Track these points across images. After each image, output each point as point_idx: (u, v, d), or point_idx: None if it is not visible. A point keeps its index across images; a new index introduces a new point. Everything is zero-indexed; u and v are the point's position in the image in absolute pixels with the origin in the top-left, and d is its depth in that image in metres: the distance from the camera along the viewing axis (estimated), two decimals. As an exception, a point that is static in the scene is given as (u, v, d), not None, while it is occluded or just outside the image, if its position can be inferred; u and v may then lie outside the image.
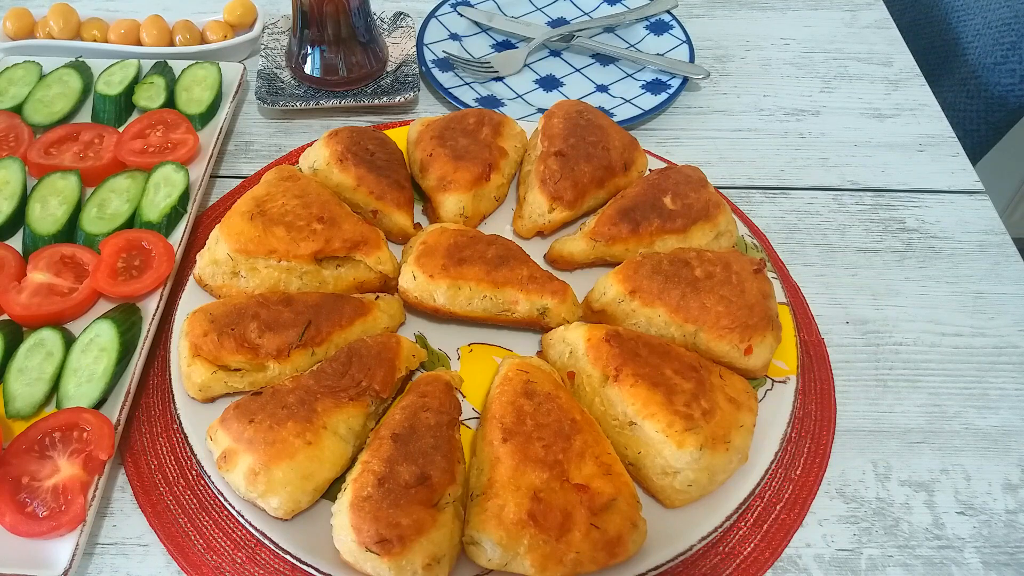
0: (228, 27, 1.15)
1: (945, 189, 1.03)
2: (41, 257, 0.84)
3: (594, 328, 0.75)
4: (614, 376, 0.70)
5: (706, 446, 0.66)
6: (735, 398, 0.71)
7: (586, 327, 0.75)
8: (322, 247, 0.81)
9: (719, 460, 0.67)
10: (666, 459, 0.67)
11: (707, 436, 0.66)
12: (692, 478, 0.67)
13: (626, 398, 0.70)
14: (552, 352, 0.78)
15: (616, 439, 0.71)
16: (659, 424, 0.67)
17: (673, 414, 0.67)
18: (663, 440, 0.67)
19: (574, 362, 0.75)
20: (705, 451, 0.66)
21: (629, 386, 0.69)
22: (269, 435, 0.67)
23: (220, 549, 0.70)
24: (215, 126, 1.01)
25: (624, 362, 0.71)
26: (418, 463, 0.66)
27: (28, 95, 1.03)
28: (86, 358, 0.77)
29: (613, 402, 0.71)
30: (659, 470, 0.68)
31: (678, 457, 0.66)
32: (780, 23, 1.25)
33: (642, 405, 0.68)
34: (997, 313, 0.90)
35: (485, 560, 0.64)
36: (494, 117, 0.94)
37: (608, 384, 0.71)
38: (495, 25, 1.21)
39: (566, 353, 0.76)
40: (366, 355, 0.74)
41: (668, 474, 0.68)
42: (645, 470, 0.69)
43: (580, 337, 0.75)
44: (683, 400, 0.68)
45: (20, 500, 0.67)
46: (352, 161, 0.89)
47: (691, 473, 0.66)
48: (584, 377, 0.74)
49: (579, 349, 0.74)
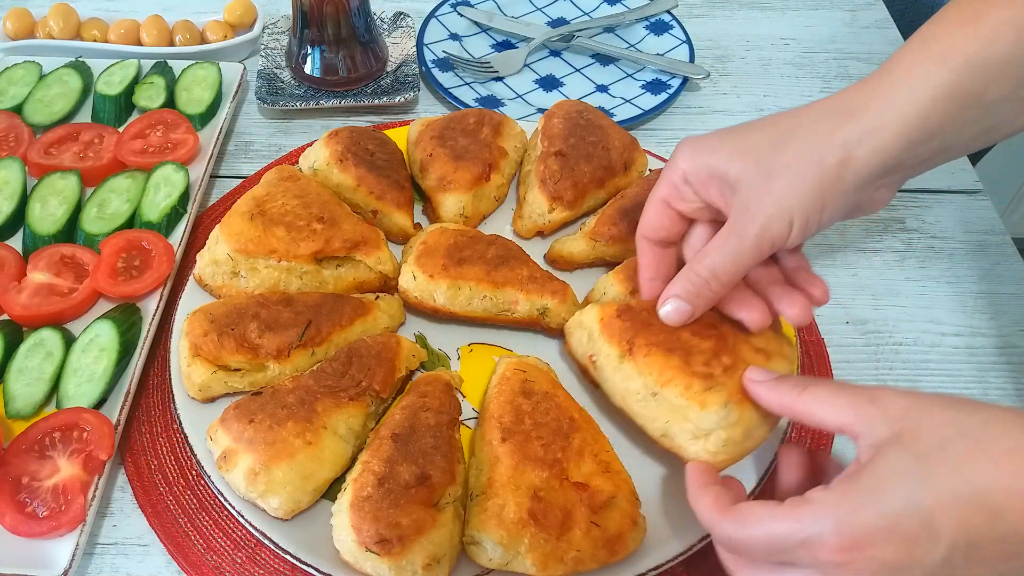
0: (228, 27, 1.15)
1: (945, 189, 1.03)
2: (41, 257, 0.84)
3: (606, 306, 0.72)
4: (628, 350, 0.68)
5: (732, 402, 0.63)
6: (764, 348, 0.67)
7: (598, 307, 0.73)
8: (322, 247, 0.81)
9: (750, 414, 0.64)
10: (694, 423, 0.64)
11: (731, 391, 0.63)
12: (725, 437, 0.63)
13: (643, 369, 0.67)
14: (573, 340, 0.76)
15: (643, 414, 0.68)
16: (678, 388, 0.65)
17: (691, 376, 0.65)
18: (686, 404, 0.64)
19: (592, 345, 0.72)
20: (731, 407, 0.63)
21: (643, 356, 0.67)
22: (269, 435, 0.67)
23: (220, 549, 0.70)
24: (215, 126, 1.01)
25: (636, 333, 0.68)
26: (418, 463, 0.66)
27: (28, 95, 1.03)
28: (86, 358, 0.77)
29: (632, 376, 0.68)
30: (690, 436, 0.65)
31: (704, 418, 0.63)
32: (780, 23, 1.26)
33: (659, 373, 0.66)
34: (997, 313, 0.90)
35: (486, 560, 0.64)
36: (494, 117, 0.94)
37: (625, 359, 0.69)
38: (495, 25, 1.21)
39: (585, 338, 0.74)
40: (366, 355, 0.74)
41: (699, 438, 0.64)
42: (677, 439, 0.66)
43: (594, 318, 0.72)
44: (702, 360, 0.65)
45: (20, 500, 0.67)
46: (352, 161, 0.89)
47: (723, 432, 0.63)
48: (603, 358, 0.71)
49: (594, 330, 0.72)
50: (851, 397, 0.54)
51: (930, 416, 0.51)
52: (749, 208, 0.61)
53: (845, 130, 0.59)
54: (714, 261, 0.63)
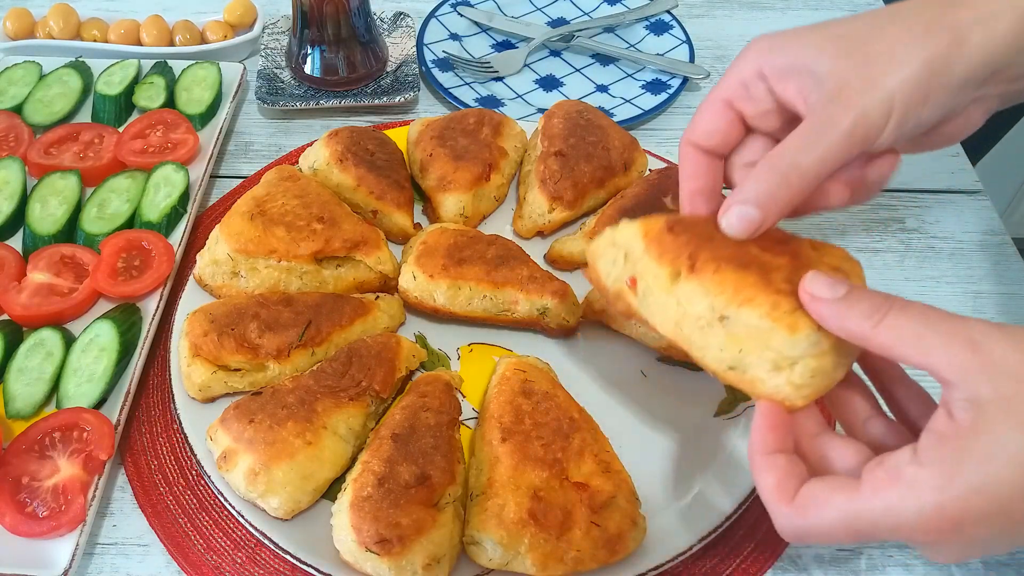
0: (228, 27, 1.15)
1: (945, 189, 1.03)
2: (41, 257, 0.84)
3: (650, 220, 0.59)
4: (689, 267, 0.55)
5: None
6: (839, 267, 0.57)
7: (638, 222, 0.60)
8: (322, 247, 0.81)
9: (838, 340, 0.53)
10: (777, 350, 0.53)
11: None
12: (814, 366, 0.53)
13: (711, 288, 0.54)
14: (601, 264, 0.63)
15: (706, 343, 0.56)
16: (761, 309, 0.53)
17: (776, 293, 0.53)
18: (770, 327, 0.52)
19: (632, 266, 0.60)
20: (824, 332, 0.52)
21: (712, 272, 0.54)
22: (269, 435, 0.67)
23: (220, 549, 0.70)
24: (215, 126, 1.01)
25: (698, 247, 0.56)
26: (418, 463, 0.66)
27: (28, 95, 1.03)
28: (86, 358, 0.77)
29: (695, 297, 0.55)
30: (770, 366, 0.53)
31: (793, 344, 0.52)
32: (780, 23, 1.25)
33: (733, 291, 0.54)
34: (997, 313, 0.90)
35: (486, 560, 0.64)
36: (494, 117, 0.94)
37: (683, 279, 0.56)
38: (495, 25, 1.21)
39: (620, 259, 0.61)
40: (366, 355, 0.74)
41: (783, 368, 0.53)
42: (751, 371, 0.54)
43: (635, 234, 0.60)
44: (782, 276, 0.54)
45: (20, 500, 0.67)
46: (352, 161, 0.89)
47: (812, 361, 0.52)
48: (651, 279, 0.58)
49: (636, 248, 0.59)
50: (946, 338, 0.46)
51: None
52: (842, 94, 0.53)
53: (955, 13, 0.53)
54: (796, 155, 0.54)
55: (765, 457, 0.52)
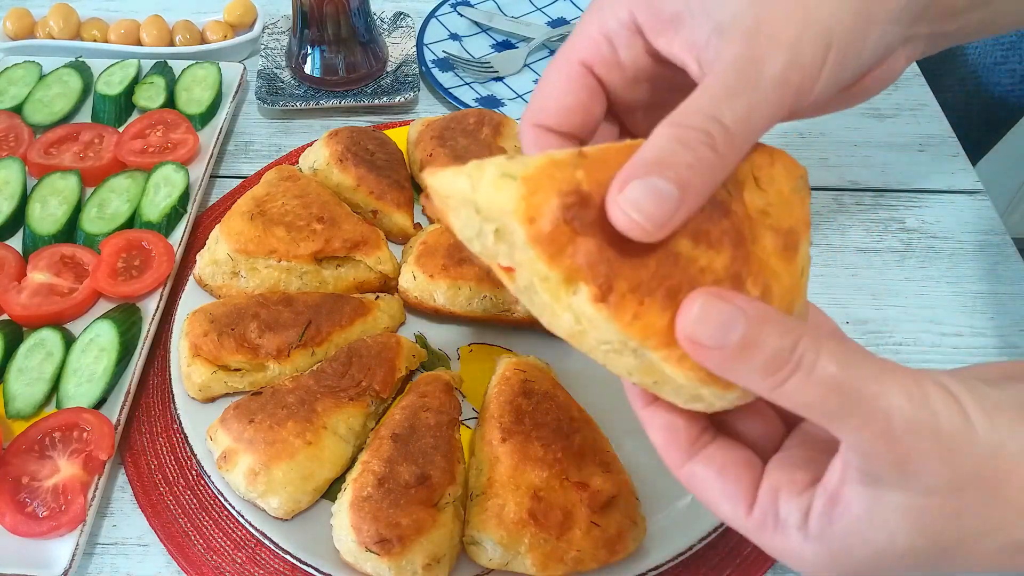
0: (228, 27, 1.15)
1: (945, 189, 1.03)
2: (41, 257, 0.84)
3: (535, 188, 0.37)
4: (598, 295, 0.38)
5: None
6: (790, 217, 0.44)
7: (514, 189, 0.37)
8: (322, 247, 0.81)
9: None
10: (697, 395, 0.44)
11: None
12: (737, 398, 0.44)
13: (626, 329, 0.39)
14: (456, 222, 0.41)
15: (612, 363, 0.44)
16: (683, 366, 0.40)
17: None
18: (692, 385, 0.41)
19: (508, 250, 0.39)
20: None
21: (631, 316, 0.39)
22: (269, 435, 0.67)
23: (220, 549, 0.70)
24: (215, 126, 1.01)
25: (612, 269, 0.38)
26: (418, 463, 0.66)
27: (28, 95, 1.03)
28: (86, 358, 0.77)
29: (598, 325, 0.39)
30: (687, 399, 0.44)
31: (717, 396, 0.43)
32: (780, 23, 1.25)
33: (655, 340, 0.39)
34: (997, 313, 0.90)
35: (486, 560, 0.64)
36: (494, 117, 0.94)
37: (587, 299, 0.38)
38: (495, 25, 1.21)
39: (488, 232, 0.39)
40: (366, 355, 0.74)
41: (702, 401, 0.45)
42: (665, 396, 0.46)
43: (510, 212, 0.37)
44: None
45: (20, 500, 0.67)
46: (352, 161, 0.89)
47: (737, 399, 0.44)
48: (537, 281, 0.39)
49: (513, 232, 0.38)
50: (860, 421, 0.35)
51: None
52: (762, 31, 0.39)
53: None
54: (717, 106, 0.38)
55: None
